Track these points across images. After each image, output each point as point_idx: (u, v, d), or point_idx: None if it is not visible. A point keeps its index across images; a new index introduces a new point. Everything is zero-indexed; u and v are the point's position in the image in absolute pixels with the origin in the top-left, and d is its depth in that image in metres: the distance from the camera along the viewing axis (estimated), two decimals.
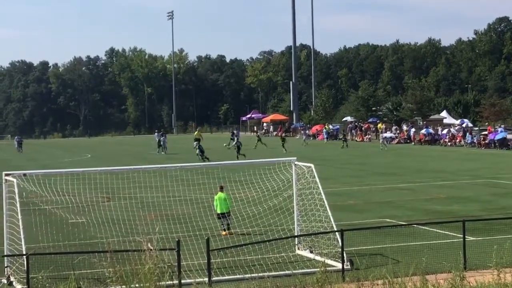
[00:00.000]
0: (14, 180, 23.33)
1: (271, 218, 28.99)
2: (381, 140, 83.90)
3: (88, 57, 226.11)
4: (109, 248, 19.43)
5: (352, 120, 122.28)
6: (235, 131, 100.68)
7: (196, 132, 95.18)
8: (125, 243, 25.14)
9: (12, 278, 21.94)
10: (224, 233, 28.63)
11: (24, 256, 20.53)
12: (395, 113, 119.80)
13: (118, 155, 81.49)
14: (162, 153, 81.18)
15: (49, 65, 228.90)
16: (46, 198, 27.84)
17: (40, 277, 19.11)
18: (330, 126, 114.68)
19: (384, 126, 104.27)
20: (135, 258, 19.60)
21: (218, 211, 29.57)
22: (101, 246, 23.54)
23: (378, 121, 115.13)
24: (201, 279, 20.98)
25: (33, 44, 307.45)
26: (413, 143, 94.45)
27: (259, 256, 23.88)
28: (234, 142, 78.83)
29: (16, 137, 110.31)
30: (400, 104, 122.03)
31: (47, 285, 18.78)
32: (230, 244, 25.46)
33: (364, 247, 25.07)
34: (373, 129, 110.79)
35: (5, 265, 22.05)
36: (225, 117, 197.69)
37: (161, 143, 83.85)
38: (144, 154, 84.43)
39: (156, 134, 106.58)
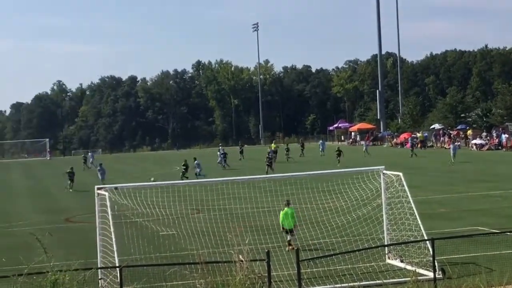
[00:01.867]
0: (106, 193, 23.75)
1: (361, 228, 28.86)
2: (451, 152, 74.97)
3: (175, 70, 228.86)
4: (200, 259, 19.61)
5: (440, 127, 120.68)
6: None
7: (272, 144, 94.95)
8: (215, 255, 25.34)
9: None
10: (289, 247, 28.11)
11: (118, 268, 20.85)
12: (484, 119, 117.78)
13: (206, 167, 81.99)
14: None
15: (137, 80, 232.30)
16: (137, 211, 28.29)
17: None
18: (419, 134, 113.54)
19: (451, 138, 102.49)
20: (225, 269, 19.74)
21: (286, 227, 28.97)
22: (192, 257, 23.76)
23: (467, 128, 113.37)
24: None
25: (122, 60, 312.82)
26: (504, 149, 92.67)
27: (349, 266, 23.78)
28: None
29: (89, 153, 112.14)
30: (490, 110, 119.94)
31: None
32: (320, 254, 25.42)
33: (456, 256, 24.70)
34: (462, 136, 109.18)
35: (99, 277, 22.42)
36: (312, 127, 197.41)
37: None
38: (232, 165, 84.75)
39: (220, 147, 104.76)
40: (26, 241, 31.27)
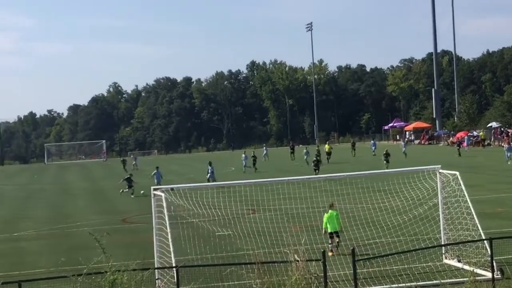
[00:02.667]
0: (162, 194, 23.93)
1: (417, 227, 28.67)
2: (506, 153, 71.58)
3: (229, 71, 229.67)
4: (256, 259, 19.67)
5: (498, 125, 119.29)
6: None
7: (326, 145, 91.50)
8: (271, 255, 25.38)
9: None
10: (331, 253, 26.63)
11: (174, 269, 21.00)
12: None
13: (261, 167, 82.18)
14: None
15: (192, 81, 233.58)
16: (193, 212, 28.46)
17: None
18: (480, 132, 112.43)
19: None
20: (281, 269, 19.78)
21: (330, 230, 27.98)
22: (247, 258, 23.83)
23: None
24: None
25: (177, 61, 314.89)
26: None
27: (406, 266, 23.65)
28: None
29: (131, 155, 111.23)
30: None
31: None
32: (376, 254, 25.32)
33: None
34: None
35: (156, 277, 22.61)
36: (366, 127, 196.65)
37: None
38: (287, 165, 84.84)
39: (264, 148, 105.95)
40: (84, 241, 31.70)
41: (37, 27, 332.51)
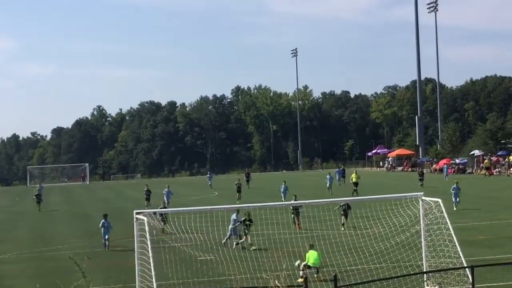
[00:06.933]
0: (145, 218, 23.86)
1: (399, 254, 28.70)
2: None
3: (214, 95, 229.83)
4: (237, 285, 19.63)
5: (480, 153, 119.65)
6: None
7: (354, 175, 76.26)
8: (253, 280, 25.31)
9: None
10: (301, 279, 25.19)
11: None
12: None
13: (244, 193, 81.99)
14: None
15: (176, 105, 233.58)
16: (176, 236, 28.37)
17: None
18: (457, 160, 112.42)
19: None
20: None
21: (312, 264, 27.44)
22: (229, 283, 23.77)
23: (510, 154, 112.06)
24: None
25: (161, 85, 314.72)
26: None
27: None
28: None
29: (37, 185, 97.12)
30: None
31: None
32: (358, 280, 25.30)
33: (495, 284, 24.46)
34: (503, 162, 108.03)
35: None
36: (350, 153, 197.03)
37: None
38: (268, 191, 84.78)
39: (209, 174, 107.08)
40: (65, 265, 31.52)
41: (20, 49, 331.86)
